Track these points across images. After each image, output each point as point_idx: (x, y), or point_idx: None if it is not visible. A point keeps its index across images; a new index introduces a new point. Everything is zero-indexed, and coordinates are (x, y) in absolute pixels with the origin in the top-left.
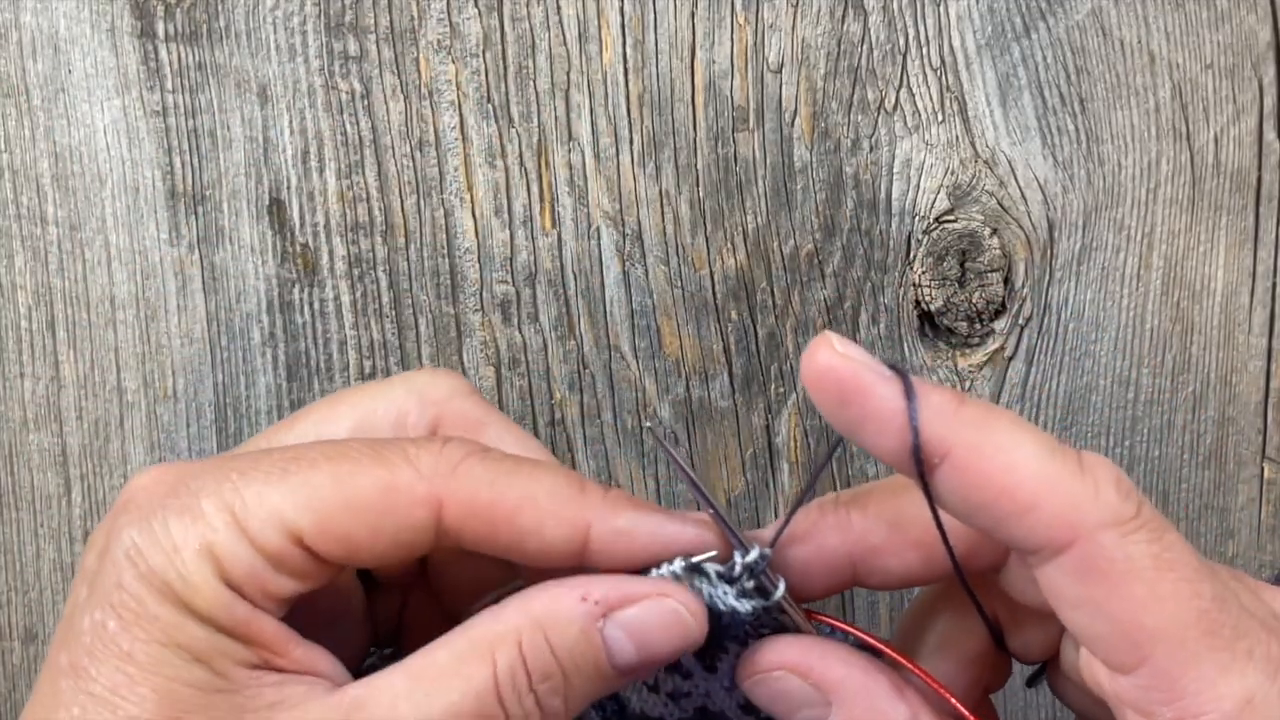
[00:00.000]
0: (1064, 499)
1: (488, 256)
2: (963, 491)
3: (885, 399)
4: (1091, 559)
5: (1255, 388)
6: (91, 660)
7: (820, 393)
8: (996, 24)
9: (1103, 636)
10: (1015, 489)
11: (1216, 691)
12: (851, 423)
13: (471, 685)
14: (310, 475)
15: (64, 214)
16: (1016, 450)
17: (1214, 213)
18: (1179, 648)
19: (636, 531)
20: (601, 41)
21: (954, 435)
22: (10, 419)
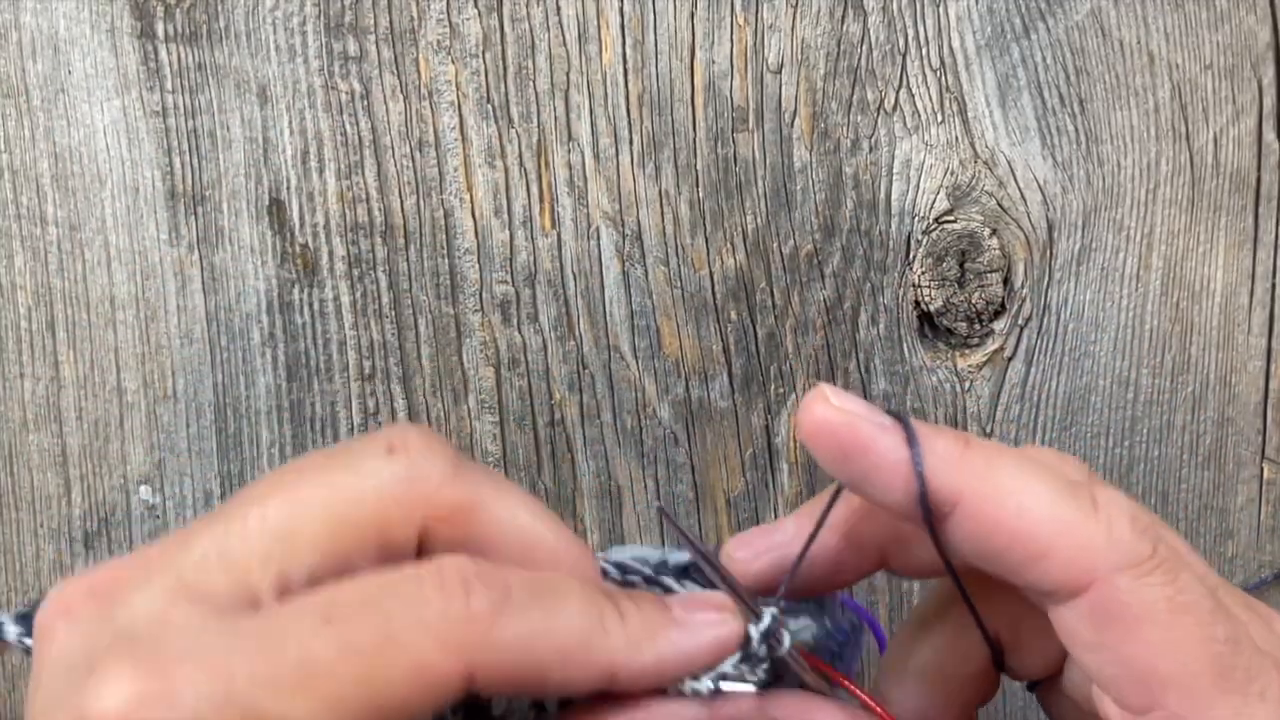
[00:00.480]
0: (1078, 543)
1: (487, 257)
2: (975, 540)
3: (888, 451)
4: (1106, 603)
5: (1255, 388)
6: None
7: (820, 449)
8: (996, 25)
9: (1116, 679)
10: (1028, 536)
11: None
12: (855, 477)
13: None
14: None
15: (64, 214)
16: (1027, 494)
17: (1213, 213)
18: (1192, 693)
19: (662, 670)
20: (601, 42)
21: (963, 483)
22: (10, 419)
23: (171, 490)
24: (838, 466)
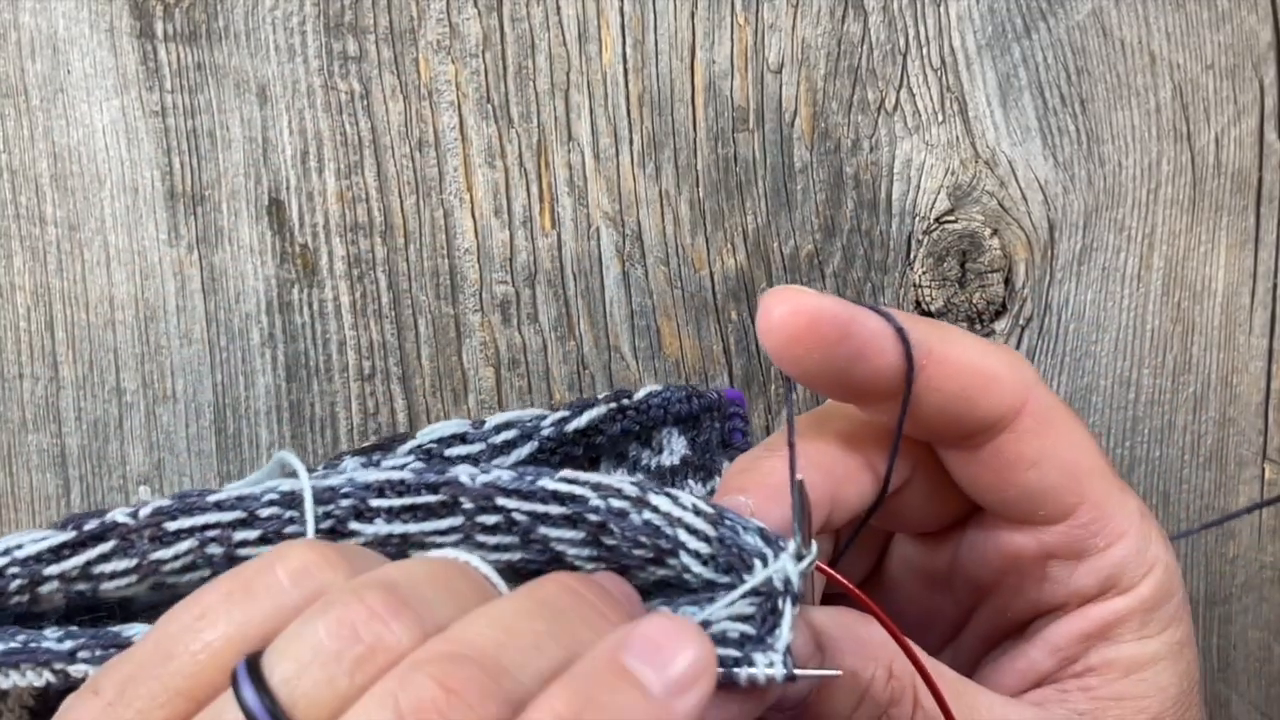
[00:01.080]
0: (1010, 368)
1: (487, 257)
2: (943, 382)
3: (873, 320)
4: (1039, 413)
5: (1256, 388)
6: None
7: (814, 337)
8: (997, 24)
9: (1052, 487)
10: (982, 367)
11: (1126, 509)
12: (847, 356)
13: None
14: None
15: (63, 214)
16: (967, 340)
17: (1215, 213)
18: (1101, 479)
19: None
20: (601, 41)
21: (933, 339)
22: (9, 419)
23: (171, 491)
24: (832, 348)
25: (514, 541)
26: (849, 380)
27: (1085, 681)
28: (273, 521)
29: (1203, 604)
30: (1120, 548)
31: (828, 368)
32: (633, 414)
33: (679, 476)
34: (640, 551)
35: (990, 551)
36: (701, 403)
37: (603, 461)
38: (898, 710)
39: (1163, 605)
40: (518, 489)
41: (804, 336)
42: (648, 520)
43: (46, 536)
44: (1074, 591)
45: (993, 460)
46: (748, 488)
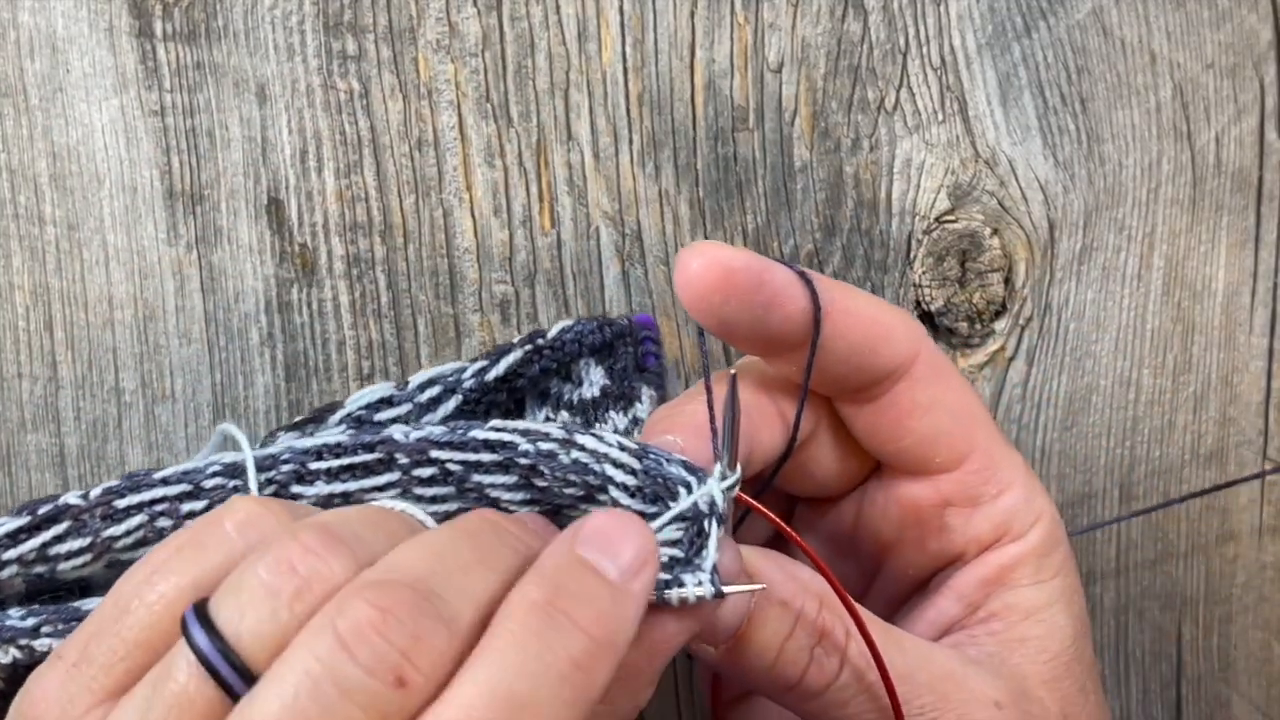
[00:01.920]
0: (903, 322)
1: (487, 256)
2: (847, 330)
3: (783, 272)
4: (931, 363)
5: (1256, 388)
6: None
7: (729, 287)
8: (997, 23)
9: (945, 434)
10: (879, 320)
11: (1013, 461)
12: (762, 305)
13: None
14: None
15: (61, 214)
16: (864, 297)
17: (1215, 213)
18: (989, 429)
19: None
20: (601, 41)
21: (832, 291)
22: (8, 419)
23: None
24: (748, 298)
25: (450, 492)
26: (763, 329)
27: (990, 626)
28: (218, 491)
29: (1203, 604)
30: (1010, 496)
31: (743, 317)
32: (549, 352)
33: (600, 408)
34: (571, 490)
35: (891, 505)
36: (614, 330)
37: (527, 402)
38: (828, 642)
39: (1052, 552)
40: (450, 441)
41: (720, 287)
42: (576, 459)
43: (2, 523)
44: (971, 539)
45: (890, 409)
46: (673, 429)
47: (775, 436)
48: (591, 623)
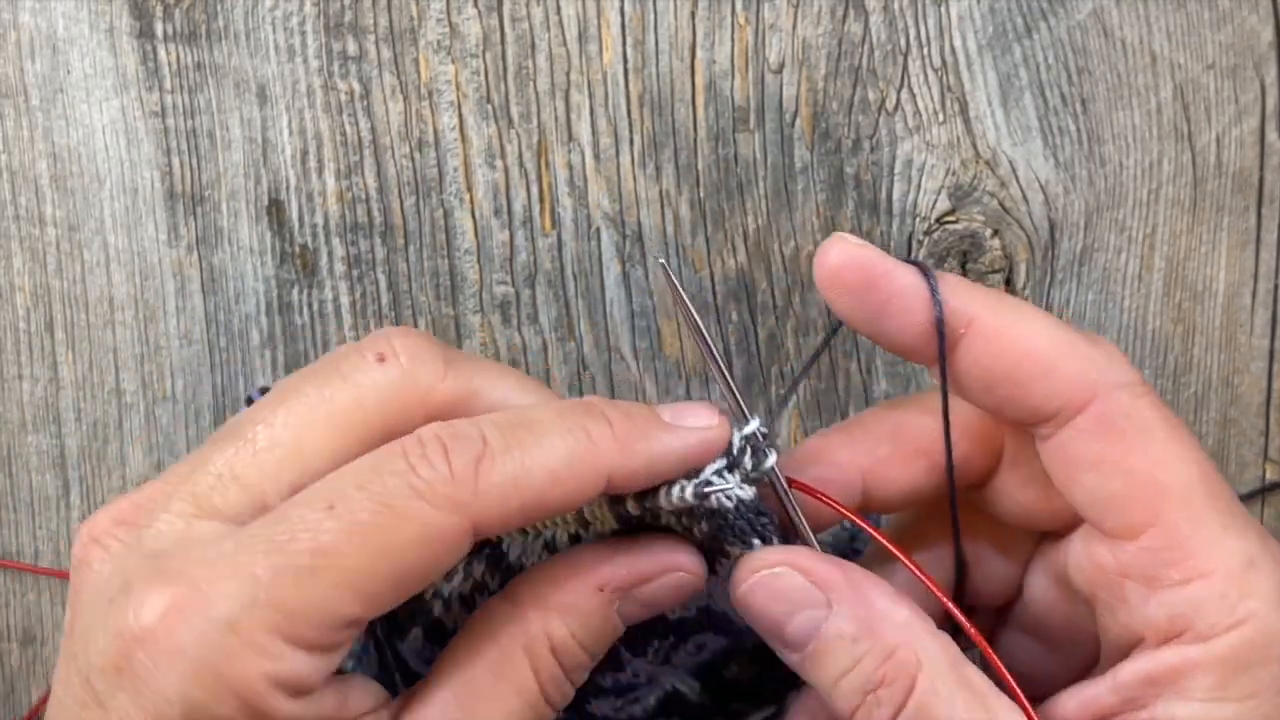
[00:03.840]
0: (1082, 360)
1: (487, 257)
2: (986, 359)
3: (906, 278)
4: (1109, 415)
5: (1257, 389)
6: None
7: (840, 284)
8: (998, 24)
9: (1115, 496)
10: (1036, 352)
11: (1223, 549)
12: (874, 308)
13: (523, 698)
14: (345, 560)
15: (62, 215)
16: (1034, 319)
17: (1216, 214)
18: (1187, 505)
19: (652, 469)
20: (601, 42)
21: (977, 305)
22: (9, 420)
23: None
24: (859, 298)
25: None
26: (881, 331)
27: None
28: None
29: None
30: (1199, 587)
31: (859, 314)
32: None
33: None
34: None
35: (1083, 558)
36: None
37: None
38: (886, 691)
39: (1250, 669)
40: None
41: (835, 278)
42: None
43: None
44: (1148, 623)
45: (1059, 453)
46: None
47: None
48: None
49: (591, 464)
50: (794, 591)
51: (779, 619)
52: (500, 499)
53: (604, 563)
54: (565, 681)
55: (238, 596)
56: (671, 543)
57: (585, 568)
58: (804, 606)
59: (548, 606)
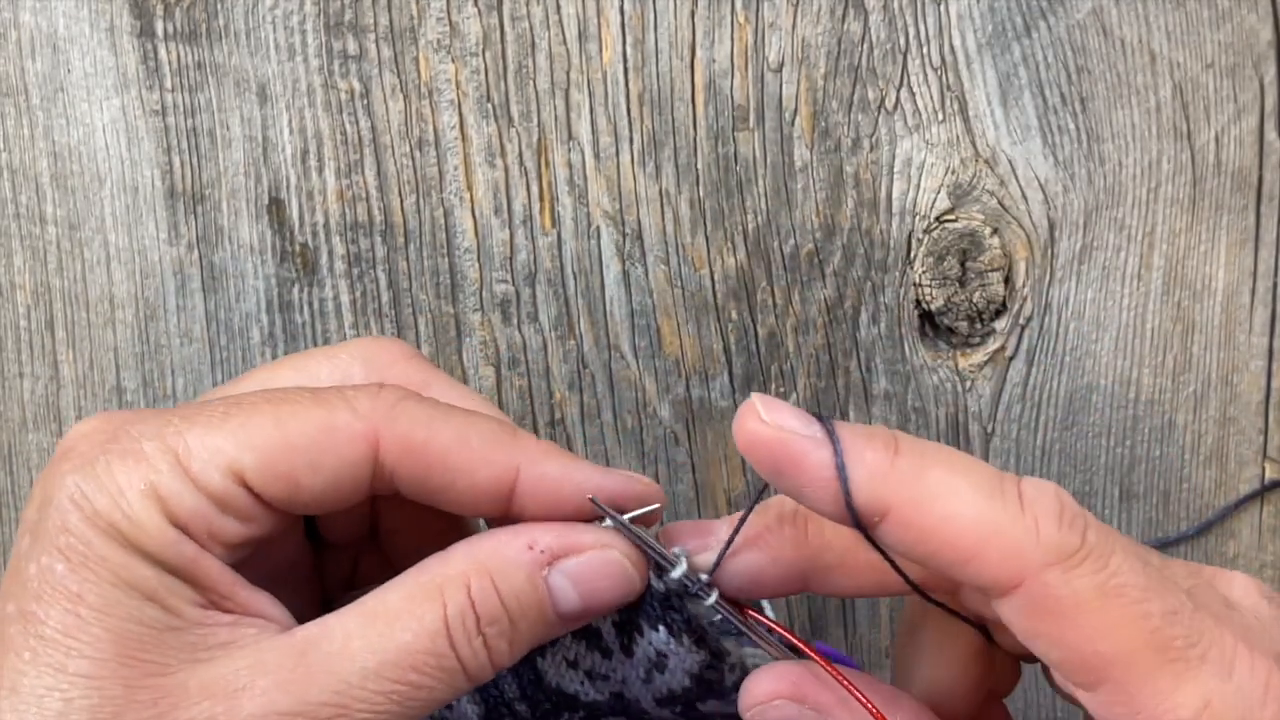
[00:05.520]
0: (1005, 543)
1: (487, 256)
2: (906, 545)
3: (818, 466)
4: (1039, 598)
5: (1256, 387)
6: (40, 604)
7: (755, 462)
8: (997, 23)
9: (1062, 663)
10: (956, 539)
11: (1174, 701)
12: (789, 489)
13: (424, 625)
14: (251, 417)
15: (63, 213)
16: (953, 499)
17: (1215, 212)
18: (1132, 669)
19: (565, 479)
20: (601, 41)
21: (890, 494)
22: (9, 419)
23: None
24: (773, 479)
25: None
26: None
27: None
28: None
29: None
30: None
31: (780, 489)
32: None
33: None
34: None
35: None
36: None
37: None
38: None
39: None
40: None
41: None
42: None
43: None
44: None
45: (1001, 615)
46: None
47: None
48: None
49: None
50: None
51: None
52: (407, 429)
53: (537, 528)
54: (475, 632)
55: (153, 422)
56: (612, 532)
57: (519, 529)
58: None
59: (474, 555)
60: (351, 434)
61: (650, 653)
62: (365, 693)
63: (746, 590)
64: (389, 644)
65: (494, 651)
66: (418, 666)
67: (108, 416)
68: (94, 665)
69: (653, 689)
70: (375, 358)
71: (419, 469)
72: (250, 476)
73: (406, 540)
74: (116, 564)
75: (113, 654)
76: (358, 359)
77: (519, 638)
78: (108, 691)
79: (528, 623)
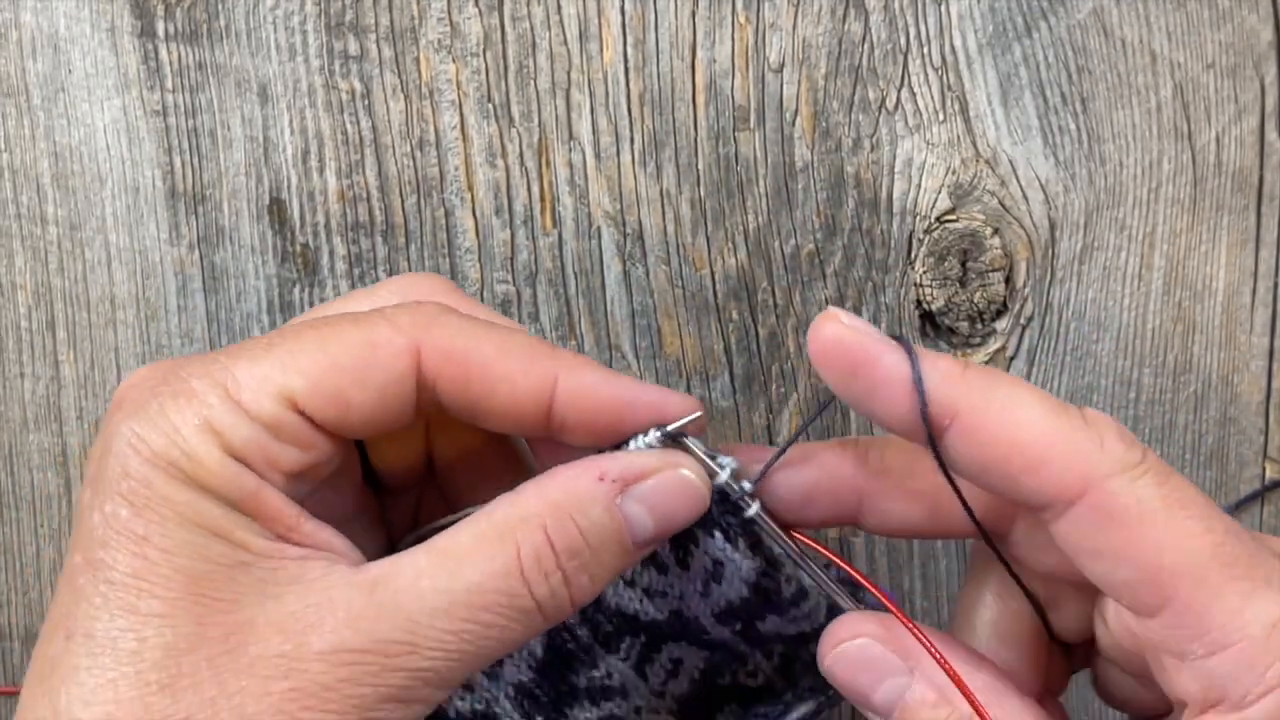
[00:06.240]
0: (1071, 451)
1: (488, 256)
2: (973, 452)
3: (893, 366)
4: (1105, 507)
5: (1257, 388)
6: (107, 551)
7: (828, 366)
8: (998, 23)
9: (1125, 583)
10: (1024, 445)
11: (1243, 619)
12: (860, 393)
13: (495, 564)
14: (295, 344)
15: (64, 213)
16: (1022, 409)
17: (1215, 212)
18: (1200, 583)
19: (603, 389)
20: (602, 41)
21: (961, 397)
22: (10, 419)
23: None
24: (845, 382)
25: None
26: (870, 413)
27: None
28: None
29: None
30: (1225, 659)
31: (847, 395)
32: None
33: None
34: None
35: (1118, 624)
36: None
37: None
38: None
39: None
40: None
41: (823, 359)
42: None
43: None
44: (1184, 690)
45: (1065, 539)
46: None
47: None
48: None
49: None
50: (876, 661)
51: (865, 689)
52: (447, 339)
53: (603, 459)
54: (554, 568)
55: (199, 362)
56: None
57: (583, 463)
58: (887, 675)
59: (546, 494)
60: (394, 348)
61: (706, 563)
62: (435, 631)
63: (797, 507)
64: (458, 583)
65: (575, 587)
66: (489, 606)
67: (155, 365)
68: (165, 605)
69: (710, 603)
70: (414, 291)
71: (460, 378)
72: (301, 400)
73: (464, 478)
74: (180, 502)
75: (183, 592)
76: (396, 295)
77: (601, 571)
78: (181, 629)
79: (609, 553)
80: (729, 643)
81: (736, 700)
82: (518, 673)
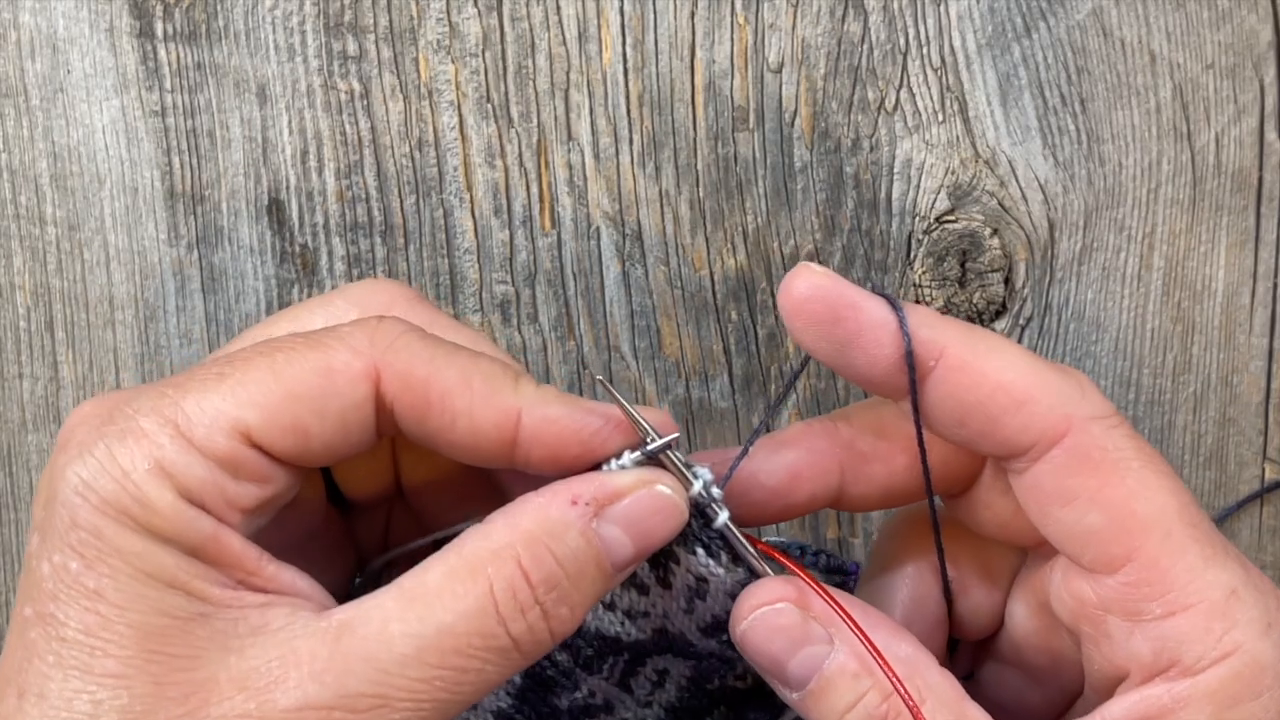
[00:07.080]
0: (1055, 393)
1: (487, 257)
2: (958, 391)
3: (874, 310)
4: (1084, 448)
5: (1256, 388)
6: (58, 605)
7: (807, 316)
8: (997, 24)
9: (1093, 531)
10: (1009, 384)
11: (1205, 580)
12: (842, 339)
13: (467, 603)
14: (247, 373)
15: (62, 214)
16: (1006, 352)
17: (1215, 213)
18: (1166, 537)
19: (567, 420)
20: (601, 41)
21: (947, 338)
22: (9, 419)
23: None
24: (826, 330)
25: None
26: (848, 364)
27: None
28: None
29: None
30: (1182, 620)
31: (825, 347)
32: None
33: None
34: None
35: (1063, 591)
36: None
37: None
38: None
39: (1242, 702)
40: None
41: (801, 310)
42: None
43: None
44: (1133, 658)
45: (1034, 488)
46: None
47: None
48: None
49: (505, 395)
50: (795, 629)
51: (780, 656)
52: (407, 364)
53: (574, 481)
54: (531, 603)
55: (147, 396)
56: (648, 469)
57: (554, 488)
58: (805, 643)
59: (517, 523)
60: (352, 373)
61: (689, 580)
62: (407, 681)
63: (785, 491)
64: (428, 627)
65: (554, 620)
66: (462, 649)
67: (100, 399)
68: (120, 664)
69: (695, 618)
70: (371, 302)
71: (419, 406)
72: (256, 433)
73: (432, 495)
74: (133, 554)
75: (138, 650)
76: (354, 305)
77: (581, 600)
78: (137, 690)
79: (588, 581)
80: (716, 652)
81: (725, 704)
82: (496, 700)
